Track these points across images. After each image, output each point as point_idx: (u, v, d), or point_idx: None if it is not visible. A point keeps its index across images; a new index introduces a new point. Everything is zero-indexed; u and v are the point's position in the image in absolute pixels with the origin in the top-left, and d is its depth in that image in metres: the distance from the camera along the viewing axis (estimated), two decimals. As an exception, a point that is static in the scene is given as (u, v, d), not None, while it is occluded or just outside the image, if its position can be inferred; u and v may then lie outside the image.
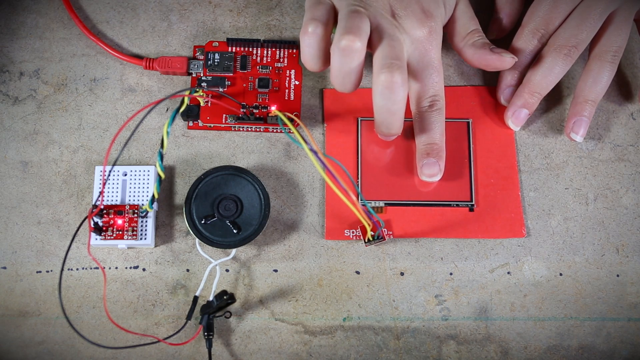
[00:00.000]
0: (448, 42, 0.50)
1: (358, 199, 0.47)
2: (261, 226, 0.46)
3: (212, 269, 0.46)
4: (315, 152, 0.42)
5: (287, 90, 0.50)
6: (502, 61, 0.47)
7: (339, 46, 0.42)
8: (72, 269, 0.47)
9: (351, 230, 0.48)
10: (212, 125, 0.49)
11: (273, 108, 0.49)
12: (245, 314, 0.46)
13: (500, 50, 0.47)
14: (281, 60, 0.51)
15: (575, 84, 0.51)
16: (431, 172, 0.47)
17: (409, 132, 0.49)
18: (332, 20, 0.45)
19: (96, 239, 0.46)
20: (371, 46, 0.44)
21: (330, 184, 0.42)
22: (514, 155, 0.50)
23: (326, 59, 0.45)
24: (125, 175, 0.47)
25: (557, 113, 0.51)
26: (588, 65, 0.49)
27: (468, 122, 0.50)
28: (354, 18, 0.43)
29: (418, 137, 0.47)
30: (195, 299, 0.46)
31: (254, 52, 0.51)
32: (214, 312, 0.45)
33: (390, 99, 0.43)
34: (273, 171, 0.49)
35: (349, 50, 0.42)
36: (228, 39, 0.51)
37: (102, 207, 0.46)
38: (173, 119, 0.43)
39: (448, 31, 0.49)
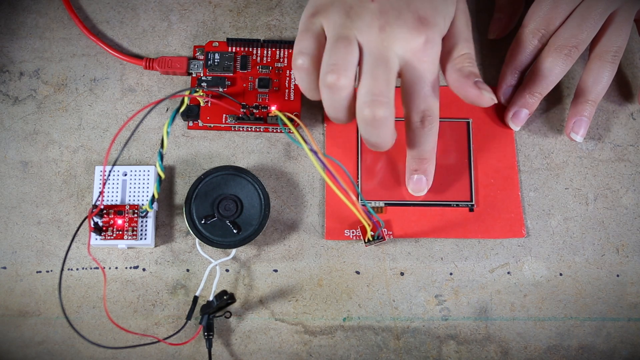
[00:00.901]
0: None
1: (358, 199, 0.47)
2: (261, 226, 0.46)
3: (212, 269, 0.46)
4: (315, 152, 0.42)
5: (287, 90, 0.50)
6: (480, 98, 0.43)
7: (324, 83, 0.41)
8: (72, 269, 0.47)
9: (351, 230, 0.48)
10: (212, 125, 0.49)
11: (273, 108, 0.49)
12: (245, 314, 0.46)
13: (483, 87, 0.43)
14: (281, 60, 0.51)
15: (575, 84, 0.51)
16: (418, 187, 0.47)
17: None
18: (322, 47, 0.42)
19: (96, 239, 0.46)
20: (359, 71, 0.42)
21: (330, 184, 0.42)
22: (514, 155, 0.50)
23: None
24: (125, 175, 0.47)
25: (557, 113, 0.51)
26: (588, 65, 0.49)
27: (468, 122, 0.50)
28: (339, 49, 0.40)
29: (408, 150, 0.46)
30: (195, 299, 0.46)
31: (254, 52, 0.51)
32: (214, 312, 0.45)
33: (374, 134, 0.41)
34: (273, 171, 0.49)
35: (334, 87, 0.40)
36: (228, 39, 0.51)
37: (102, 207, 0.46)
38: (173, 119, 0.43)
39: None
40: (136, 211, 0.46)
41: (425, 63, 0.42)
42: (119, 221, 0.46)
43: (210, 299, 0.45)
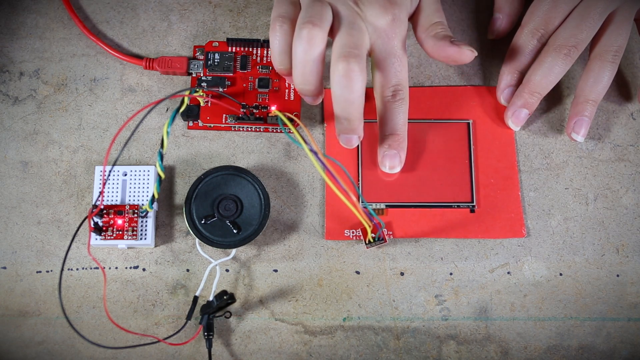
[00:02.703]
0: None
1: (359, 200, 0.47)
2: (261, 226, 0.46)
3: (212, 269, 0.46)
4: (315, 153, 0.42)
5: (287, 90, 0.50)
6: (461, 54, 0.45)
7: (299, 35, 0.42)
8: (72, 269, 0.47)
9: (351, 231, 0.48)
10: (212, 125, 0.49)
11: (273, 108, 0.49)
12: (245, 314, 0.46)
13: (460, 43, 0.45)
14: (281, 60, 0.51)
15: (576, 84, 0.51)
16: (392, 163, 0.47)
17: (409, 132, 0.49)
18: (298, 14, 0.44)
19: (96, 239, 0.46)
20: (332, 35, 0.44)
21: (330, 185, 0.42)
22: (514, 155, 0.50)
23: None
24: (125, 175, 0.47)
25: (557, 113, 0.51)
26: (589, 65, 0.48)
27: (468, 123, 0.50)
28: (314, 7, 0.43)
29: (381, 127, 0.47)
30: (195, 299, 0.46)
31: (254, 52, 0.51)
32: (214, 312, 0.45)
33: (348, 87, 0.43)
34: (273, 171, 0.49)
35: (309, 38, 0.42)
36: (228, 39, 0.51)
37: (102, 207, 0.46)
38: (173, 119, 0.43)
39: (413, 22, 0.48)
40: (136, 211, 0.46)
41: (394, 40, 0.45)
42: (119, 221, 0.46)
43: (210, 299, 0.45)
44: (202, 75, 0.50)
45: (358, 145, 0.49)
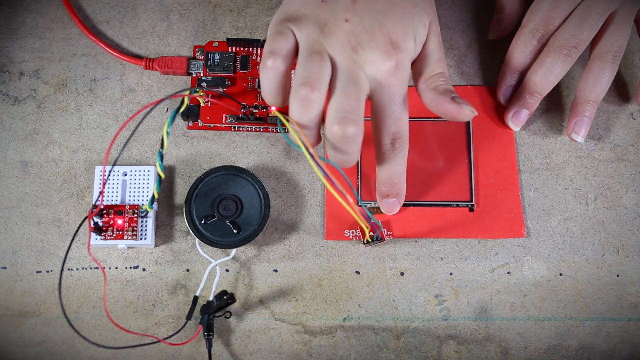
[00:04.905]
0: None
1: (356, 202, 0.47)
2: (261, 226, 0.46)
3: (212, 269, 0.46)
4: (312, 155, 0.42)
5: (287, 90, 0.50)
6: (460, 112, 0.43)
7: (296, 96, 0.41)
8: (72, 269, 0.47)
9: (351, 231, 0.48)
10: (212, 125, 0.49)
11: (273, 108, 0.49)
12: (245, 314, 0.46)
13: (461, 101, 0.43)
14: (281, 60, 0.51)
15: (576, 84, 0.51)
16: (390, 210, 0.47)
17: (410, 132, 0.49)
18: (293, 53, 0.42)
19: (96, 239, 0.46)
20: (330, 88, 0.42)
21: (327, 186, 0.42)
22: (514, 155, 0.50)
23: (287, 95, 0.43)
24: (125, 175, 0.47)
25: (557, 113, 0.51)
26: (589, 65, 0.49)
27: (468, 122, 0.50)
28: (313, 62, 0.41)
29: (379, 173, 0.45)
30: (195, 299, 0.46)
31: (254, 52, 0.51)
32: (214, 312, 0.45)
33: (342, 152, 0.42)
34: (273, 171, 0.49)
35: (306, 100, 0.40)
36: (228, 39, 0.51)
37: (102, 207, 0.46)
38: (173, 119, 0.43)
39: (413, 70, 0.45)
40: (136, 211, 0.46)
41: (395, 86, 0.42)
42: (119, 221, 0.46)
43: (210, 299, 0.45)
44: (202, 75, 0.50)
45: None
